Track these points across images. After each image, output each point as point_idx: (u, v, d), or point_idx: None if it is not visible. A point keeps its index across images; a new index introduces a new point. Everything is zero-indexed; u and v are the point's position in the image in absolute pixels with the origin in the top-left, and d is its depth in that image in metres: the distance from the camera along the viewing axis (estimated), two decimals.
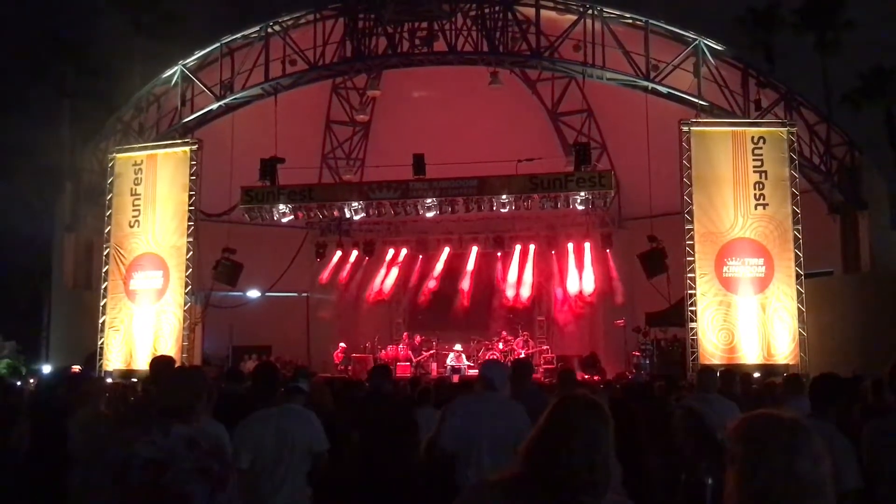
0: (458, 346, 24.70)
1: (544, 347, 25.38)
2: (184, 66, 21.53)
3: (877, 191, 21.36)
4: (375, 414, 7.81)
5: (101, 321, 20.64)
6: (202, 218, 21.04)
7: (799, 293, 18.53)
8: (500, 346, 24.61)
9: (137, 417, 4.92)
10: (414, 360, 24.68)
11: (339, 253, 27.09)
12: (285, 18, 20.95)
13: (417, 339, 25.63)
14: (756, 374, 17.07)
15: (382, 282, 26.94)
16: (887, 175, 23.59)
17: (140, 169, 21.01)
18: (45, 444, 6.41)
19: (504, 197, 20.64)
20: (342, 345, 24.81)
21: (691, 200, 18.90)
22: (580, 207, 21.09)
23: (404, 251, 27.15)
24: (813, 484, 2.45)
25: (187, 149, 20.78)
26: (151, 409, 4.75)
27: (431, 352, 25.04)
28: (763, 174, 18.88)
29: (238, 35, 21.30)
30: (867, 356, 17.58)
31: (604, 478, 2.73)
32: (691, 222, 18.84)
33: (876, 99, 34.42)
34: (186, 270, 20.25)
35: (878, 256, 20.59)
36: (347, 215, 22.38)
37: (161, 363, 7.20)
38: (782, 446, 2.47)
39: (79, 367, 16.52)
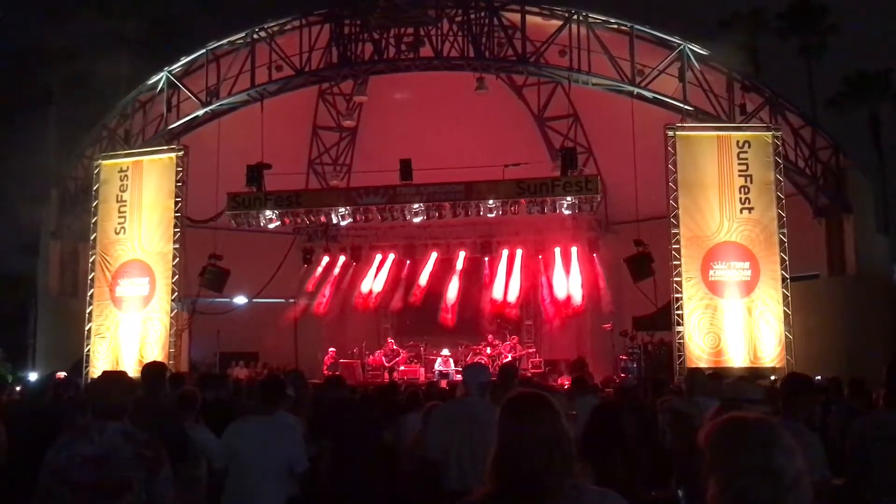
0: (445, 351, 24.67)
1: (532, 351, 25.41)
2: (169, 72, 21.47)
3: (862, 194, 21.48)
4: (342, 425, 7.76)
5: (87, 328, 20.55)
6: (188, 224, 20.97)
7: (785, 296, 18.60)
8: (488, 350, 24.62)
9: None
10: (387, 364, 24.67)
11: (326, 258, 27.06)
12: (271, 24, 20.92)
13: (392, 343, 25.62)
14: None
15: (370, 287, 26.88)
16: (872, 178, 23.77)
17: (126, 175, 20.94)
18: (29, 452, 6.37)
19: (491, 202, 20.65)
20: (331, 350, 24.77)
21: (677, 204, 18.96)
22: (567, 212, 21.08)
23: (392, 256, 27.12)
24: (790, 477, 2.50)
25: (173, 155, 20.72)
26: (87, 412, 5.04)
27: (401, 356, 25.00)
28: (748, 178, 18.94)
29: (224, 41, 21.25)
30: (853, 358, 17.70)
31: (563, 468, 2.79)
32: (677, 226, 18.90)
33: (860, 102, 34.75)
34: (173, 277, 20.18)
35: (863, 259, 20.70)
36: (334, 221, 22.33)
37: (153, 369, 7.26)
38: (757, 444, 2.52)
39: (64, 373, 16.42)
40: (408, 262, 27.05)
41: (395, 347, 25.39)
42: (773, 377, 17.51)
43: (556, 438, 2.81)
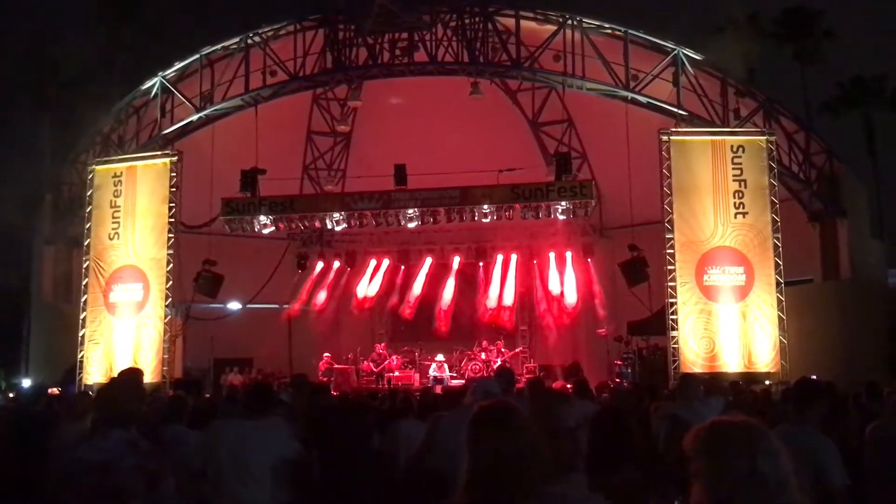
0: (440, 357, 24.63)
1: (518, 351, 25.50)
2: (163, 77, 21.44)
3: (856, 198, 21.51)
4: (331, 433, 7.68)
5: (80, 334, 20.48)
6: (182, 230, 20.95)
7: (779, 301, 18.60)
8: (483, 356, 24.59)
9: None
10: (375, 370, 24.64)
11: (320, 264, 27.01)
12: (265, 29, 20.92)
13: (380, 348, 25.60)
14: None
15: (365, 292, 26.82)
16: (866, 183, 23.78)
17: (120, 181, 20.91)
18: (17, 458, 6.34)
19: (486, 207, 20.66)
20: (326, 355, 24.72)
21: (671, 209, 18.97)
22: (561, 217, 21.09)
23: (386, 262, 27.06)
24: (776, 482, 2.47)
25: (167, 160, 20.71)
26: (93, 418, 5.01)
27: (393, 362, 24.97)
28: (742, 183, 18.96)
29: (218, 46, 21.25)
30: (847, 363, 17.69)
31: (537, 478, 2.70)
32: (672, 231, 18.91)
33: (855, 107, 34.79)
34: (167, 282, 20.15)
35: (857, 264, 20.71)
36: (329, 226, 22.31)
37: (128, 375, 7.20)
38: (741, 449, 2.49)
39: (57, 388, 16.29)
40: (402, 267, 26.99)
41: (381, 352, 25.35)
42: (767, 382, 17.54)
43: (526, 449, 2.71)
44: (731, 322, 18.56)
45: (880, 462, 5.35)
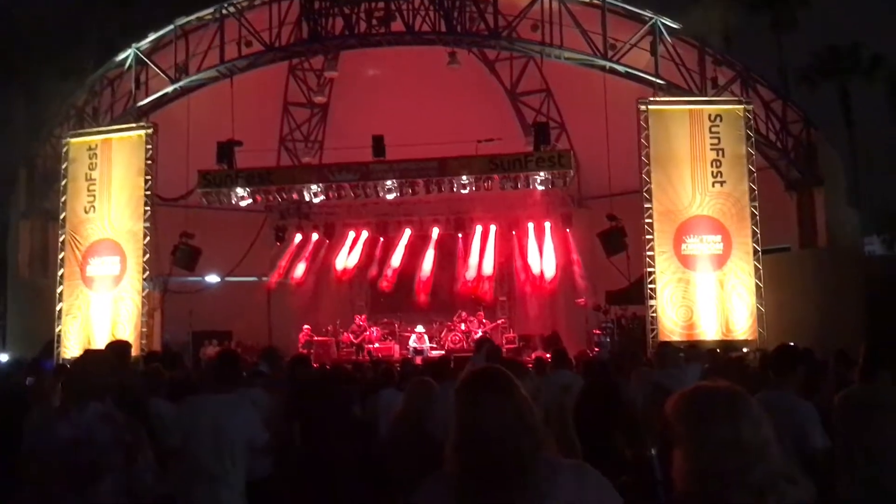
0: (420, 328, 24.70)
1: (500, 323, 25.61)
2: (137, 48, 21.18)
3: (832, 167, 21.60)
4: (313, 404, 7.68)
5: (58, 308, 20.37)
6: (159, 203, 20.81)
7: (756, 269, 18.72)
8: (462, 326, 24.67)
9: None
10: (355, 341, 24.69)
11: (298, 236, 26.92)
12: None
13: (360, 319, 25.62)
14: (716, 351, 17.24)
15: (344, 264, 26.76)
16: (842, 152, 23.90)
17: (95, 154, 20.73)
18: None
19: (464, 178, 20.58)
20: (306, 328, 24.72)
21: (649, 179, 19.01)
22: (540, 188, 21.05)
23: (365, 233, 26.99)
24: (757, 448, 2.46)
25: (142, 133, 20.54)
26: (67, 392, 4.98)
27: (372, 333, 25.04)
28: (720, 152, 19.01)
29: (192, 17, 20.99)
30: (824, 330, 17.82)
31: (530, 445, 2.61)
32: (650, 200, 18.95)
33: (831, 76, 34.98)
34: (144, 256, 20.04)
35: (834, 231, 20.84)
36: (307, 198, 22.19)
37: (117, 348, 7.17)
38: (724, 416, 2.47)
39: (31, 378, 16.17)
40: (381, 239, 26.92)
41: (361, 324, 25.38)
42: (745, 349, 17.68)
43: (519, 416, 2.62)
44: (708, 290, 18.67)
45: (848, 429, 5.41)
